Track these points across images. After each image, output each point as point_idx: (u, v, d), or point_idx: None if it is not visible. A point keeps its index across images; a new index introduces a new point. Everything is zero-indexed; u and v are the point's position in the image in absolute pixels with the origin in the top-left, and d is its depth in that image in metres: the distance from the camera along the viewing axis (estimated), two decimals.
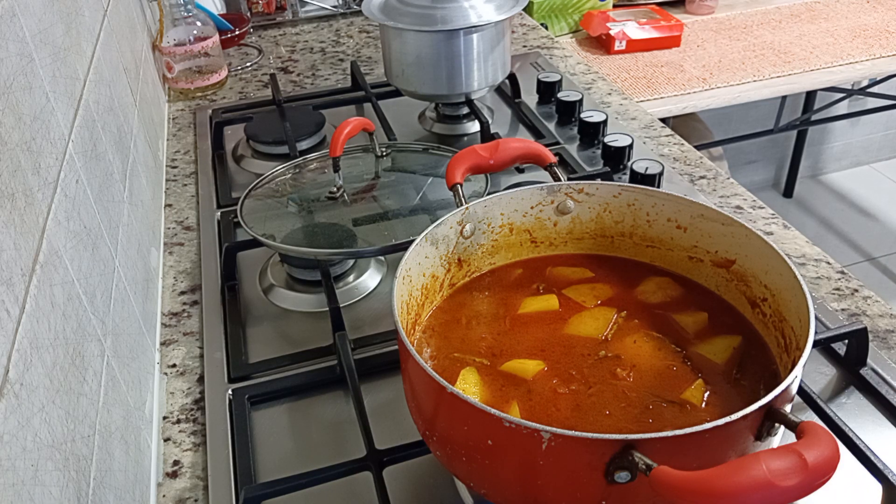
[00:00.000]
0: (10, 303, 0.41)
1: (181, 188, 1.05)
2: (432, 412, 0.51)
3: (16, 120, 0.49)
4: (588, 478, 0.43)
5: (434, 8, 1.00)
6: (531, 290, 0.64)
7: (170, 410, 0.71)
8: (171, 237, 0.95)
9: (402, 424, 0.65)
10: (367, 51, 1.46)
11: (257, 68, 1.42)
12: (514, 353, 0.57)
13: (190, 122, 1.23)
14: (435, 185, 0.87)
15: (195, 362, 0.76)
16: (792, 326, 0.53)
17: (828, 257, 0.85)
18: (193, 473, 0.65)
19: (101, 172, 0.69)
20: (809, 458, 0.37)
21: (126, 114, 0.89)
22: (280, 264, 0.86)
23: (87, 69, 0.74)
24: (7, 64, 0.50)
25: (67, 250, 0.53)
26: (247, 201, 0.84)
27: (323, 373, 0.72)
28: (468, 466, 0.49)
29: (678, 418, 0.51)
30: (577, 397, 0.53)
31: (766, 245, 0.57)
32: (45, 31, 0.61)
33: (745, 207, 0.95)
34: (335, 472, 0.61)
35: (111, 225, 0.69)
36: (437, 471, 0.62)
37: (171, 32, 1.27)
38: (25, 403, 0.40)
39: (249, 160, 1.10)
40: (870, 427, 0.64)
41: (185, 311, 0.83)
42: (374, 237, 0.80)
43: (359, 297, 0.83)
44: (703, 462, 0.42)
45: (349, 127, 0.85)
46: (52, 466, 0.42)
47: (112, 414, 0.56)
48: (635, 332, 0.58)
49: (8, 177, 0.45)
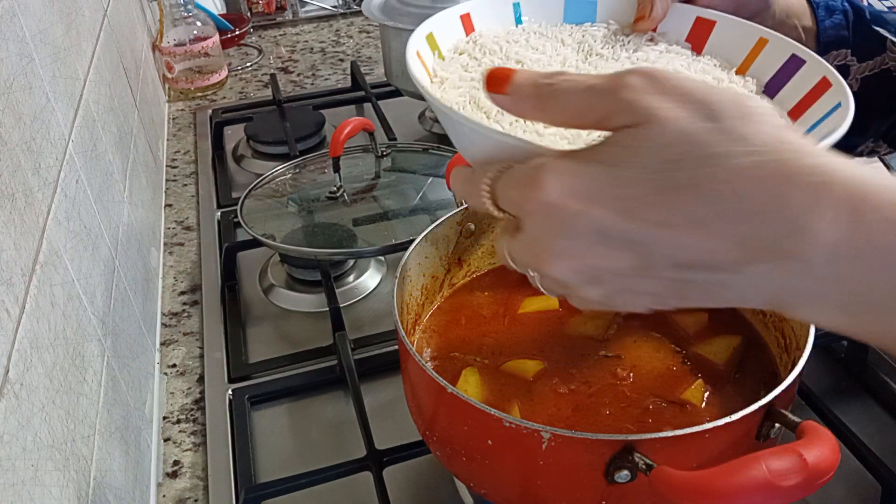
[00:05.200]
0: (10, 303, 0.41)
1: (181, 188, 1.05)
2: (432, 412, 0.51)
3: (16, 120, 0.49)
4: (588, 478, 0.43)
5: (434, 8, 1.00)
6: (531, 290, 0.63)
7: (170, 410, 0.71)
8: (171, 237, 0.95)
9: (402, 424, 0.65)
10: (367, 51, 1.46)
11: (257, 68, 1.42)
12: (514, 353, 0.57)
13: (190, 122, 1.23)
14: (435, 185, 0.87)
15: (195, 362, 0.76)
16: (792, 326, 0.53)
17: None
18: (193, 473, 0.65)
19: (101, 172, 0.69)
20: (809, 458, 0.37)
21: (126, 114, 0.89)
22: (280, 264, 0.86)
23: (87, 69, 0.74)
24: (7, 64, 0.50)
25: (67, 250, 0.53)
26: (247, 201, 0.84)
27: (323, 373, 0.72)
28: (468, 466, 0.49)
29: (678, 418, 0.51)
30: (578, 397, 0.53)
31: None
32: (45, 31, 0.61)
33: None
34: (335, 472, 0.61)
35: (111, 225, 0.69)
36: (437, 471, 0.62)
37: (171, 32, 1.27)
38: (25, 403, 0.40)
39: (249, 160, 1.10)
40: (870, 427, 0.64)
41: (185, 311, 0.83)
42: (374, 237, 0.80)
43: (359, 297, 0.83)
44: (703, 462, 0.42)
45: (349, 127, 0.85)
46: (52, 466, 0.42)
47: (112, 414, 0.56)
48: (635, 333, 0.58)
49: (8, 177, 0.45)
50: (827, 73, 0.48)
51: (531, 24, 0.53)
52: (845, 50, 0.60)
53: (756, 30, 0.52)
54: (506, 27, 0.53)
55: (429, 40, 0.50)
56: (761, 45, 0.52)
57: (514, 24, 0.53)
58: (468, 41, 0.51)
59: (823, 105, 0.48)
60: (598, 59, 0.51)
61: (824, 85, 0.48)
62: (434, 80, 0.48)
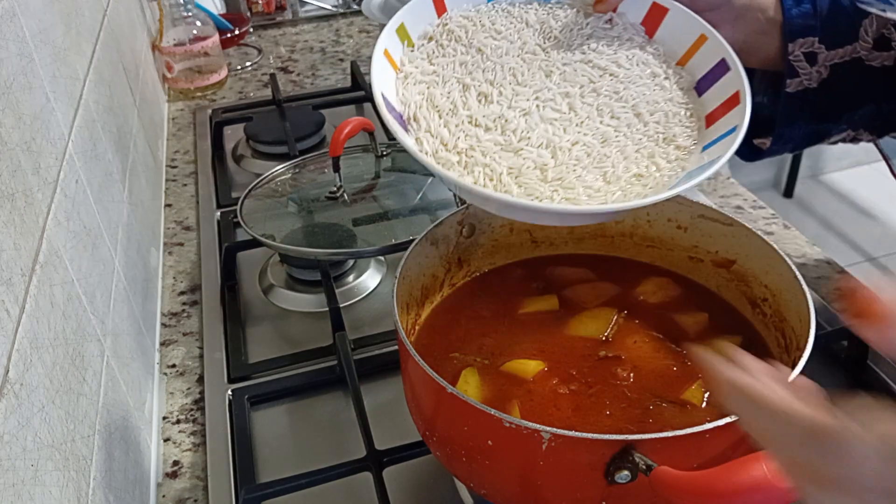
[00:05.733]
0: (10, 303, 0.41)
1: (181, 188, 1.05)
2: (432, 412, 0.51)
3: (16, 120, 0.48)
4: (588, 478, 0.43)
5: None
6: (531, 290, 0.63)
7: (169, 411, 0.71)
8: (171, 237, 0.95)
9: (402, 424, 0.65)
10: (367, 51, 1.46)
11: (257, 68, 1.42)
12: (515, 353, 0.57)
13: (190, 122, 1.23)
14: (435, 185, 0.87)
15: (195, 362, 0.76)
16: (792, 327, 0.53)
17: (828, 257, 0.85)
18: (193, 473, 0.65)
19: (101, 172, 0.69)
20: None
21: (126, 114, 0.89)
22: (280, 264, 0.86)
23: (87, 69, 0.74)
24: (7, 64, 0.50)
25: (67, 250, 0.53)
26: (247, 201, 0.84)
27: (323, 373, 0.72)
28: (468, 466, 0.49)
29: (678, 418, 0.51)
30: (578, 397, 0.53)
31: (766, 245, 0.57)
32: (45, 31, 0.61)
33: (745, 207, 0.95)
34: (335, 472, 0.61)
35: (111, 225, 0.69)
36: (437, 471, 0.62)
37: (171, 32, 1.27)
38: (25, 403, 0.40)
39: (249, 160, 1.10)
40: None
41: (185, 311, 0.83)
42: (374, 237, 0.80)
43: (359, 297, 0.83)
44: (703, 462, 0.42)
45: (349, 127, 0.85)
46: (52, 466, 0.42)
47: (112, 414, 0.56)
48: (636, 333, 0.58)
49: (8, 177, 0.45)
50: (741, 87, 0.52)
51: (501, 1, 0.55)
52: (812, 38, 0.61)
53: (699, 25, 0.55)
54: (476, 4, 0.54)
55: (399, 32, 0.52)
56: (701, 41, 0.55)
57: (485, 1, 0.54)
58: (438, 24, 0.53)
59: (728, 122, 0.51)
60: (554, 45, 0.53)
61: (735, 100, 0.52)
62: (399, 76, 0.50)
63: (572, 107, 0.51)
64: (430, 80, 0.51)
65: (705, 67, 0.54)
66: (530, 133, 0.49)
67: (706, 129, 0.53)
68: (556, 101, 0.51)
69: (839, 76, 0.62)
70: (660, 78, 0.54)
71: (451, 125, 0.49)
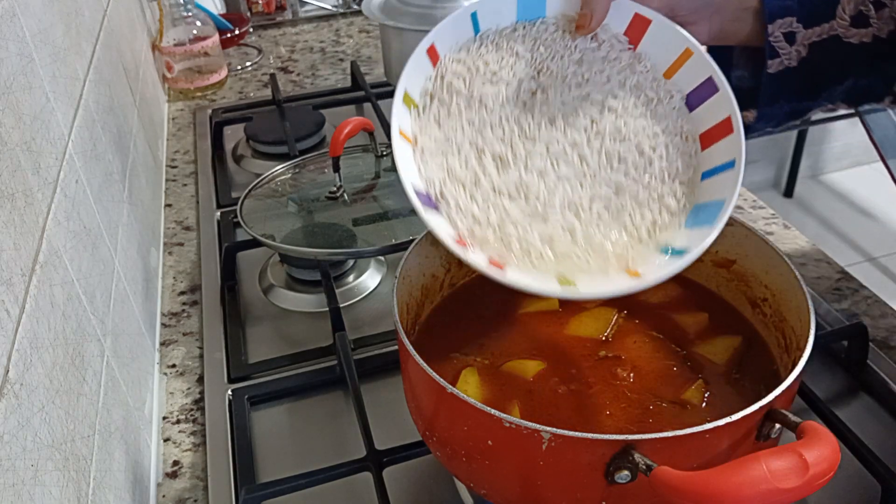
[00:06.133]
0: (10, 303, 0.41)
1: (181, 188, 1.05)
2: (432, 412, 0.51)
3: (16, 120, 0.49)
4: (588, 478, 0.43)
5: (434, 8, 1.00)
6: None
7: (169, 411, 0.71)
8: (171, 237, 0.95)
9: (402, 424, 0.65)
10: (367, 51, 1.46)
11: (257, 68, 1.42)
12: (514, 353, 0.57)
13: (190, 122, 1.23)
14: None
15: (195, 362, 0.76)
16: (792, 326, 0.53)
17: (828, 257, 0.85)
18: (193, 473, 0.65)
19: (101, 172, 0.69)
20: (810, 458, 0.37)
21: (126, 114, 0.89)
22: (280, 264, 0.86)
23: (87, 69, 0.74)
24: (7, 64, 0.50)
25: (67, 250, 0.53)
26: (247, 201, 0.84)
27: (323, 373, 0.72)
28: (468, 467, 0.49)
29: (678, 418, 0.51)
30: (578, 397, 0.53)
31: (766, 245, 0.57)
32: (45, 31, 0.61)
33: (745, 207, 0.95)
34: (335, 472, 0.61)
35: (111, 225, 0.69)
36: (437, 471, 0.62)
37: (171, 32, 1.27)
38: (25, 403, 0.40)
39: (249, 160, 1.10)
40: (870, 427, 0.64)
41: (185, 311, 0.83)
42: (374, 237, 0.80)
43: (359, 297, 0.83)
44: (703, 462, 0.42)
45: (349, 127, 0.85)
46: (52, 466, 0.42)
47: (112, 414, 0.56)
48: (635, 333, 0.58)
49: (8, 177, 0.45)
50: (732, 112, 0.52)
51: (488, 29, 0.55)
52: (790, 18, 0.61)
53: (684, 40, 0.55)
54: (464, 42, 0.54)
55: (406, 102, 0.52)
56: (686, 55, 0.55)
57: (472, 32, 0.54)
58: (436, 76, 0.53)
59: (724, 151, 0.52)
60: (549, 78, 0.54)
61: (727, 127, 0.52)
62: (416, 150, 0.51)
63: (583, 157, 0.52)
64: (445, 148, 0.51)
65: (693, 83, 0.55)
66: (552, 197, 0.51)
67: (702, 151, 0.54)
68: (567, 154, 0.52)
69: (818, 54, 0.62)
70: (653, 104, 0.55)
71: (478, 199, 0.50)
